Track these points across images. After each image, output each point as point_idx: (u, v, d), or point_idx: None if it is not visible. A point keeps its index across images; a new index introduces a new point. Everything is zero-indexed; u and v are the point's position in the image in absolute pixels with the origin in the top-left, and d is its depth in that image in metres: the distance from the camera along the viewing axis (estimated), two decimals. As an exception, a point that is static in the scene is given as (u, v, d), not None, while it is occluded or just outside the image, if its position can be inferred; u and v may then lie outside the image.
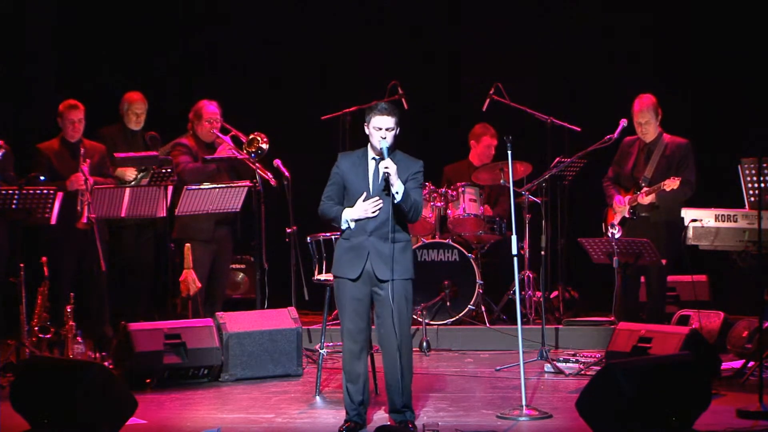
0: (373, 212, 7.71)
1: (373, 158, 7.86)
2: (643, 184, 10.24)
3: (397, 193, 7.70)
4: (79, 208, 10.02)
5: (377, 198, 7.74)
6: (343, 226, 7.81)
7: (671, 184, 9.97)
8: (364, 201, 7.74)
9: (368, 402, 7.98)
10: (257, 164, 10.45)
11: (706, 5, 12.42)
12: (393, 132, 7.78)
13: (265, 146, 10.51)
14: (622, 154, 10.49)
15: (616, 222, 10.35)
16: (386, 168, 7.69)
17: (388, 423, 7.87)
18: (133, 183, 10.57)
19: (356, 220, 7.78)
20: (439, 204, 11.51)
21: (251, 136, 10.57)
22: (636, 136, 10.42)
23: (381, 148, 7.74)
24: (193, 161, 10.57)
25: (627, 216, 10.30)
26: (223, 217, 10.50)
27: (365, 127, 7.87)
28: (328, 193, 7.91)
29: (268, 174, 10.46)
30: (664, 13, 12.51)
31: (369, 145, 7.88)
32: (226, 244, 10.74)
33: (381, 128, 7.75)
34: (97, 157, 10.45)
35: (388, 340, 7.79)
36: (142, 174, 10.67)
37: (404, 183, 7.75)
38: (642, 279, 10.44)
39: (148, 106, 11.08)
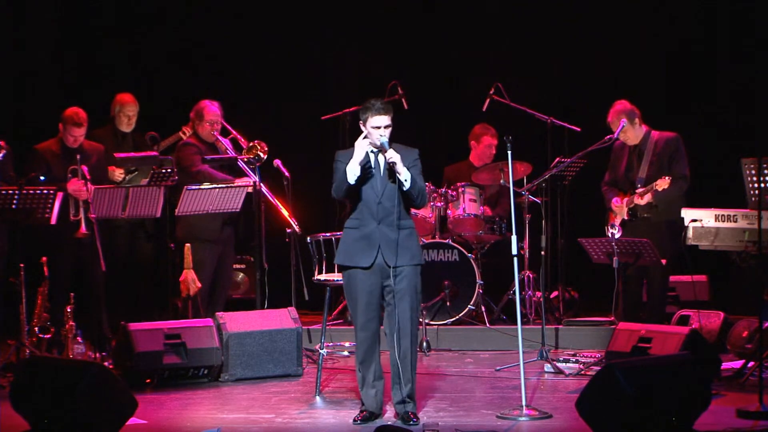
0: (372, 143, 7.87)
1: (373, 151, 7.99)
2: (638, 185, 10.24)
3: (405, 180, 7.92)
4: (72, 216, 9.99)
5: (363, 136, 7.89)
6: (351, 180, 7.91)
7: (662, 184, 9.96)
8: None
9: (382, 390, 8.13)
10: (288, 212, 10.44)
11: (706, 3, 12.45)
12: (390, 129, 7.94)
13: (263, 155, 10.48)
14: (615, 157, 10.49)
15: (616, 224, 10.35)
16: (391, 158, 7.86)
17: (392, 420, 7.97)
18: (125, 183, 10.54)
19: (361, 168, 7.92)
20: (439, 204, 11.51)
21: (251, 144, 10.54)
22: None
23: (381, 143, 7.89)
24: (202, 162, 10.54)
25: (626, 218, 10.29)
26: (228, 217, 10.49)
27: (361, 125, 8.04)
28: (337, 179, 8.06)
29: (294, 219, 10.43)
30: (664, 11, 12.52)
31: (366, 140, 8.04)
32: (230, 244, 10.74)
33: (380, 126, 7.93)
34: (95, 158, 10.42)
35: (401, 329, 7.95)
36: (131, 175, 10.65)
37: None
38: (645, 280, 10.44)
39: (140, 107, 11.09)
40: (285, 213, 10.41)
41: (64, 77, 12.58)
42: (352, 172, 7.91)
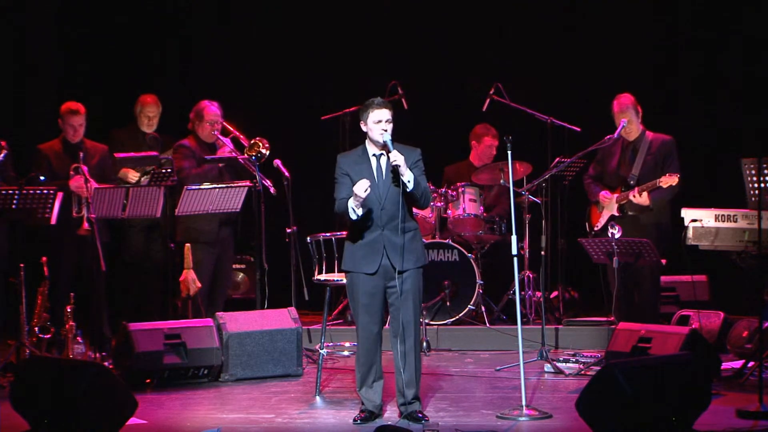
0: (365, 190, 7.76)
1: (374, 154, 7.98)
2: (631, 182, 10.23)
3: (409, 182, 7.88)
4: (75, 213, 9.99)
5: (364, 179, 7.82)
6: (353, 217, 7.89)
7: (669, 180, 9.95)
8: (361, 187, 7.81)
9: (382, 390, 8.14)
10: (257, 171, 10.42)
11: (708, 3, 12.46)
12: (391, 124, 7.91)
13: (265, 151, 10.50)
14: (605, 153, 10.47)
15: (602, 221, 10.33)
16: (395, 160, 7.82)
17: (393, 420, 7.98)
18: (139, 183, 10.56)
19: (362, 206, 7.86)
20: (439, 204, 11.51)
21: (253, 141, 10.55)
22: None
23: (384, 142, 7.89)
24: (196, 163, 10.55)
25: (616, 214, 10.28)
26: (225, 217, 10.50)
27: (362, 126, 8.03)
28: (339, 194, 8.00)
29: (268, 181, 10.44)
30: (664, 11, 12.53)
31: (367, 141, 8.03)
32: (228, 245, 10.74)
33: (381, 120, 7.91)
34: (97, 158, 10.43)
35: (405, 330, 7.98)
36: (146, 176, 10.66)
37: None
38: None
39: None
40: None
41: (64, 77, 12.58)
42: (353, 208, 7.85)
